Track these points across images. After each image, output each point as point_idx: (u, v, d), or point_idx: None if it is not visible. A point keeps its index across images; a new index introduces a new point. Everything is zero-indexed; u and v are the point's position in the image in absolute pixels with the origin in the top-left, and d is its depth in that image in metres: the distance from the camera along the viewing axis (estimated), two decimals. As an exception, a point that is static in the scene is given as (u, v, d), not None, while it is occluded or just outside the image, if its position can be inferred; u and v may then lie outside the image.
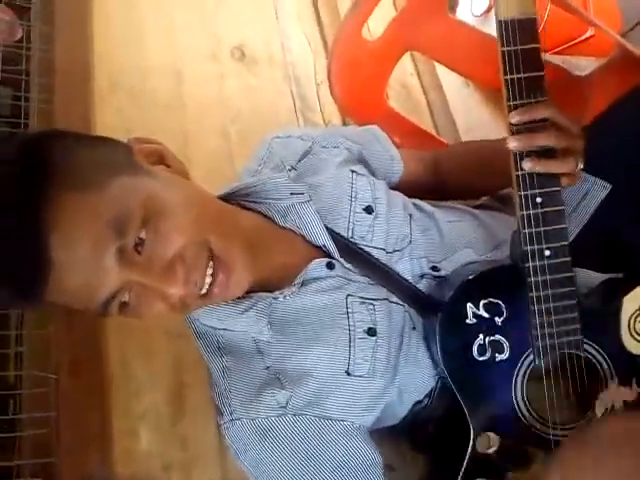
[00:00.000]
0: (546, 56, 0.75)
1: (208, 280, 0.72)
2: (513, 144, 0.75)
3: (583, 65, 1.37)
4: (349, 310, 0.82)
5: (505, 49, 0.74)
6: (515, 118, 0.74)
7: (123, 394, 1.00)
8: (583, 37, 1.51)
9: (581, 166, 0.79)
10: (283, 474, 0.77)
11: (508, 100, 0.75)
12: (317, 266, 0.83)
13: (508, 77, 0.74)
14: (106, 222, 0.64)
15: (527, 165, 0.75)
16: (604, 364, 0.82)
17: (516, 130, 0.75)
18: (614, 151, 0.97)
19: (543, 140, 0.75)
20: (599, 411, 0.81)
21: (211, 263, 0.72)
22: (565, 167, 0.77)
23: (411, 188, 1.03)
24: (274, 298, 0.81)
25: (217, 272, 0.72)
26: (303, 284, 0.82)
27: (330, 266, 0.84)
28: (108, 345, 1.01)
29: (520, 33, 0.73)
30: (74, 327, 0.99)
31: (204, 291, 0.72)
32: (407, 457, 0.96)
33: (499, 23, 0.74)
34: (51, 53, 1.18)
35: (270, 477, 0.78)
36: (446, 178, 1.08)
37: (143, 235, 0.67)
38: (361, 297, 0.83)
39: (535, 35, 0.74)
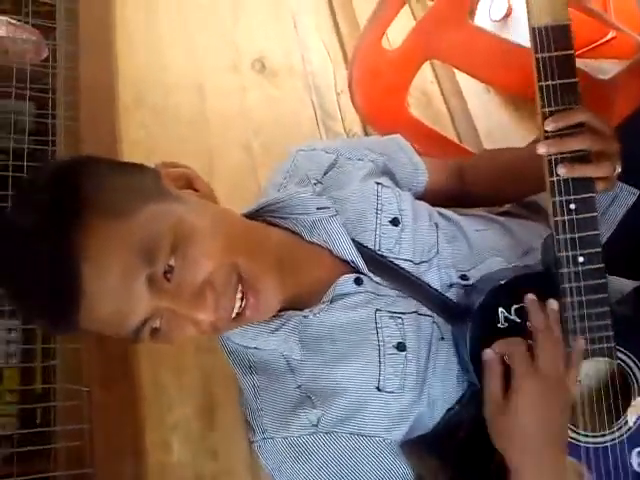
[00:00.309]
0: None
1: (238, 304, 0.72)
2: (543, 149, 0.74)
3: (606, 68, 1.36)
4: (378, 325, 0.81)
5: (539, 56, 0.74)
6: (550, 125, 0.74)
7: (155, 407, 1.01)
8: (605, 39, 1.50)
9: (619, 170, 0.78)
10: None
11: (542, 107, 0.74)
12: (345, 282, 0.83)
13: (543, 84, 0.74)
14: (137, 250, 0.65)
15: (562, 171, 0.74)
16: (637, 371, 0.81)
17: (551, 136, 0.74)
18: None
19: (577, 144, 0.74)
20: (631, 419, 0.81)
21: (240, 287, 0.72)
22: (601, 171, 0.76)
23: (435, 197, 1.03)
24: (304, 317, 0.81)
25: (247, 295, 0.72)
26: (332, 301, 0.82)
27: (358, 282, 0.83)
28: (139, 359, 1.03)
29: (554, 40, 0.73)
30: (106, 341, 1.00)
31: (234, 315, 0.73)
32: (433, 468, 0.95)
33: (532, 30, 0.74)
34: (76, 71, 1.20)
35: None
36: (470, 187, 1.07)
37: (172, 262, 0.67)
38: (390, 311, 0.83)
39: (569, 41, 0.74)
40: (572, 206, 0.75)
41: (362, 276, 0.84)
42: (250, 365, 0.83)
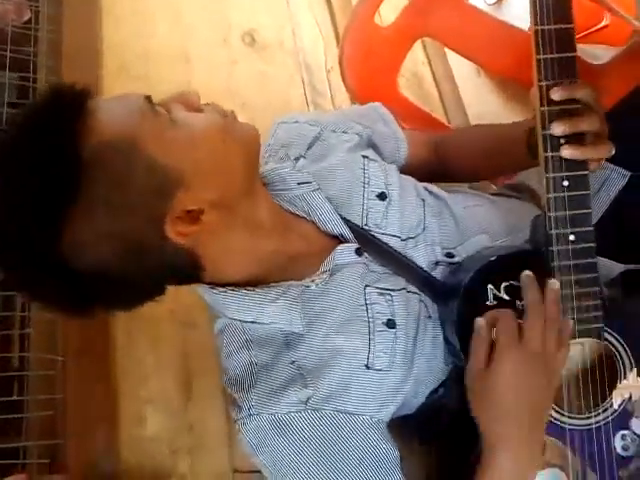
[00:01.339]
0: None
1: None
2: (559, 129, 0.74)
3: (599, 54, 1.36)
4: (368, 301, 0.80)
5: (539, 28, 0.73)
6: (557, 94, 0.73)
7: (131, 379, 1.00)
8: (599, 26, 1.50)
9: (613, 151, 0.78)
10: (300, 469, 0.75)
11: (540, 80, 0.73)
12: (344, 251, 0.81)
13: (541, 57, 0.73)
14: None
15: (567, 152, 0.74)
16: (623, 354, 0.81)
17: (548, 113, 0.74)
18: (634, 138, 0.95)
19: (587, 125, 0.74)
20: (616, 402, 0.80)
21: None
22: (602, 153, 0.77)
23: (414, 171, 1.02)
24: (306, 286, 0.79)
25: None
26: (332, 272, 0.80)
27: (359, 252, 0.82)
28: (116, 329, 1.02)
29: (554, 11, 0.72)
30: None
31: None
32: (415, 447, 0.95)
33: (533, 1, 0.73)
34: (59, 35, 1.18)
35: (287, 472, 0.76)
36: (449, 162, 1.06)
37: None
38: (379, 287, 0.81)
39: (569, 14, 0.73)
40: (565, 183, 0.74)
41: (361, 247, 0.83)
42: (247, 340, 0.80)
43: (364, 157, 0.91)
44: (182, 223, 0.71)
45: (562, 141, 0.74)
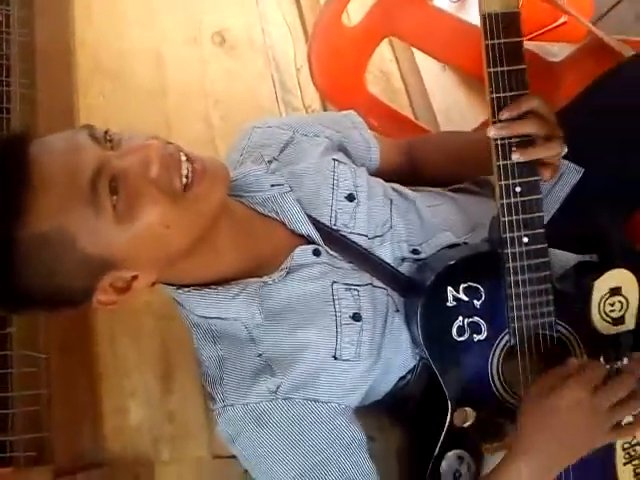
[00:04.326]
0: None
1: (185, 171, 0.72)
2: (494, 132, 0.78)
3: (556, 51, 1.41)
4: (335, 297, 0.85)
5: (489, 42, 0.76)
6: (505, 115, 0.77)
7: (112, 372, 1.03)
8: (556, 24, 1.55)
9: (565, 151, 0.82)
10: (274, 456, 0.80)
11: (491, 93, 0.77)
12: (303, 252, 0.86)
13: (491, 70, 0.76)
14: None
15: (515, 156, 0.78)
16: (575, 344, 0.87)
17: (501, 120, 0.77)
18: (588, 135, 0.99)
19: (527, 128, 0.77)
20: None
21: (185, 159, 0.73)
22: (551, 151, 0.80)
23: (387, 175, 1.06)
24: (263, 282, 0.84)
25: (193, 163, 0.73)
26: (291, 271, 0.84)
27: (317, 253, 0.86)
28: (97, 325, 1.04)
29: (503, 27, 0.75)
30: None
31: (184, 183, 0.72)
32: (386, 429, 1.00)
33: (482, 17, 0.76)
34: (31, 37, 1.18)
35: (262, 460, 0.81)
36: (420, 166, 1.11)
37: (111, 133, 0.73)
38: (346, 283, 0.86)
39: (518, 29, 0.76)
40: (517, 189, 0.79)
41: (320, 248, 0.87)
42: (213, 335, 0.85)
43: (334, 160, 0.94)
44: (112, 292, 0.75)
45: (513, 148, 0.78)
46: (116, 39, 1.28)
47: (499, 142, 0.78)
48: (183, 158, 0.73)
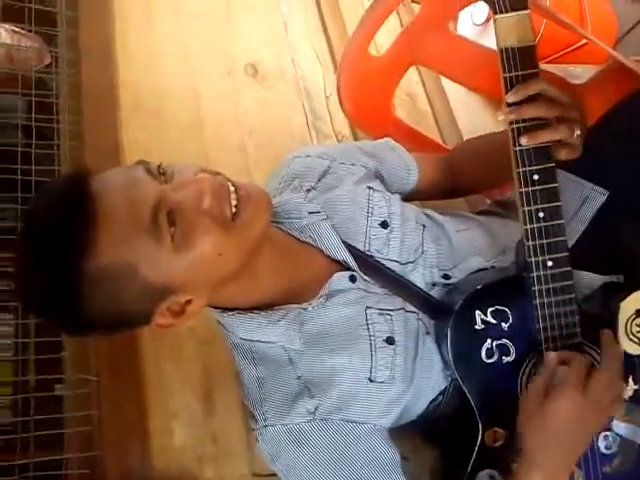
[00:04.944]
0: (542, 65, 0.80)
1: (234, 202, 0.76)
2: (502, 116, 0.80)
3: (579, 73, 1.42)
4: (369, 321, 0.88)
5: (507, 75, 0.79)
6: (511, 98, 0.79)
7: (158, 394, 1.08)
8: (579, 44, 1.57)
9: (578, 132, 0.83)
10: (313, 475, 0.83)
11: (510, 123, 0.80)
12: (341, 278, 0.90)
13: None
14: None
15: (523, 140, 0.79)
16: (602, 363, 0.88)
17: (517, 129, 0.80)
18: (611, 157, 1.02)
19: (533, 111, 0.79)
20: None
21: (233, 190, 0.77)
22: (560, 133, 0.81)
23: (427, 192, 1.10)
24: (303, 309, 0.88)
25: (239, 191, 0.77)
26: (329, 296, 0.88)
27: (352, 279, 0.90)
28: (143, 349, 1.09)
29: (520, 60, 0.78)
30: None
31: (232, 212, 0.76)
32: (419, 449, 1.03)
33: (500, 51, 0.79)
34: (78, 77, 1.25)
35: (301, 478, 0.85)
36: (458, 178, 1.13)
37: (164, 165, 0.77)
38: (379, 308, 0.90)
39: (534, 61, 0.79)
40: (540, 214, 0.81)
41: (356, 274, 0.91)
42: (253, 357, 0.89)
43: (369, 188, 0.98)
44: (169, 315, 0.79)
45: (535, 177, 0.80)
46: (155, 77, 1.33)
47: (514, 127, 0.80)
48: (232, 188, 0.77)
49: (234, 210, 0.76)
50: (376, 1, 1.28)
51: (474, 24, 1.67)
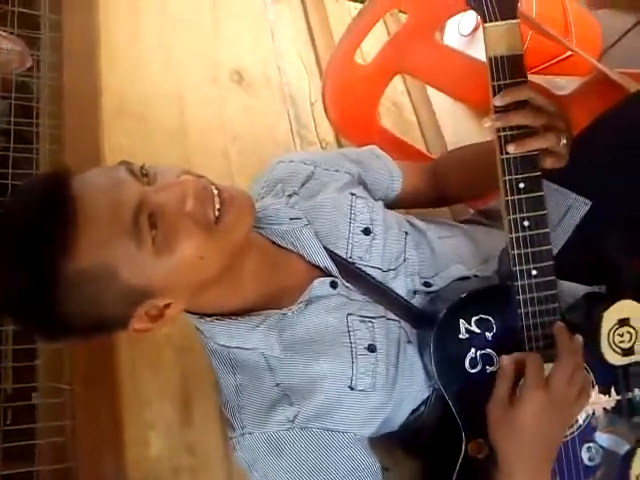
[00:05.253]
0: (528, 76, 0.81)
1: (217, 205, 0.75)
2: (489, 123, 0.79)
3: (563, 84, 1.44)
4: (350, 328, 0.87)
5: (495, 83, 0.79)
6: (498, 101, 0.78)
7: (134, 403, 1.05)
8: (564, 56, 1.58)
9: (564, 142, 0.82)
10: None
11: (497, 130, 0.80)
12: (321, 284, 0.88)
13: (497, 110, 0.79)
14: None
15: (510, 148, 0.79)
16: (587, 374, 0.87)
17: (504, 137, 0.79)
18: (596, 168, 1.02)
19: (519, 118, 0.78)
20: (581, 417, 0.88)
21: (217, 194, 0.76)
22: (547, 142, 0.80)
23: (411, 200, 1.10)
24: (283, 314, 0.86)
25: (222, 195, 0.76)
26: (309, 302, 0.87)
27: (334, 285, 0.89)
28: (119, 357, 1.06)
29: (509, 68, 0.78)
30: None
31: (215, 216, 0.75)
32: (400, 460, 1.02)
33: (489, 59, 0.79)
34: (60, 81, 1.23)
35: None
36: (442, 186, 1.13)
37: (146, 166, 0.75)
38: (361, 315, 0.89)
39: (522, 70, 0.79)
40: (526, 223, 0.81)
41: (337, 280, 0.89)
42: (232, 364, 0.87)
43: (352, 194, 0.97)
44: (146, 320, 0.78)
45: (521, 185, 0.79)
46: (140, 82, 1.32)
47: (501, 135, 0.79)
48: (215, 191, 0.76)
49: (217, 213, 0.75)
50: (363, 9, 1.29)
51: (461, 34, 1.67)
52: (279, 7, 1.60)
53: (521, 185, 0.80)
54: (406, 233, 0.98)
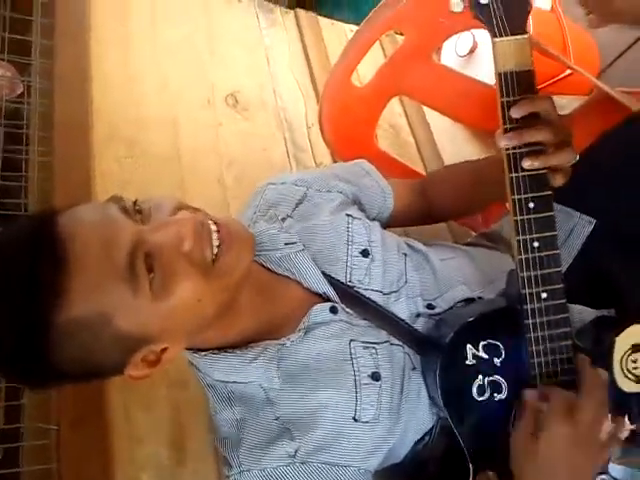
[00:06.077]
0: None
1: (216, 242, 0.72)
2: (504, 142, 0.76)
3: (564, 104, 1.42)
4: (353, 355, 0.83)
5: (504, 100, 0.76)
6: (515, 112, 0.75)
7: (126, 444, 1.01)
8: (563, 75, 1.57)
9: (577, 158, 0.80)
10: None
11: (507, 150, 0.77)
12: (320, 311, 0.85)
13: (507, 126, 0.77)
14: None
15: (526, 164, 0.76)
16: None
17: (513, 155, 0.76)
18: (598, 187, 1.01)
19: (538, 135, 0.76)
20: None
21: (216, 229, 0.73)
22: (563, 158, 0.77)
23: (404, 217, 1.07)
24: (281, 345, 0.82)
25: (220, 227, 0.73)
26: (309, 330, 0.83)
27: (334, 310, 0.85)
28: (109, 395, 1.02)
29: (518, 84, 0.76)
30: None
31: (214, 254, 0.72)
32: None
33: (498, 75, 0.77)
34: (51, 107, 1.21)
35: None
36: (435, 202, 1.10)
37: (139, 204, 0.72)
38: (364, 342, 0.85)
39: (532, 86, 0.76)
40: (535, 244, 0.78)
41: (337, 305, 0.86)
42: (230, 398, 0.83)
43: (348, 215, 0.94)
44: (143, 366, 0.74)
45: (530, 205, 0.76)
46: (132, 107, 1.30)
47: (510, 153, 0.77)
48: (213, 228, 0.72)
49: (215, 251, 0.72)
50: (359, 31, 1.27)
51: (458, 55, 1.66)
52: (275, 30, 1.59)
53: (531, 205, 0.78)
54: (405, 255, 0.95)
